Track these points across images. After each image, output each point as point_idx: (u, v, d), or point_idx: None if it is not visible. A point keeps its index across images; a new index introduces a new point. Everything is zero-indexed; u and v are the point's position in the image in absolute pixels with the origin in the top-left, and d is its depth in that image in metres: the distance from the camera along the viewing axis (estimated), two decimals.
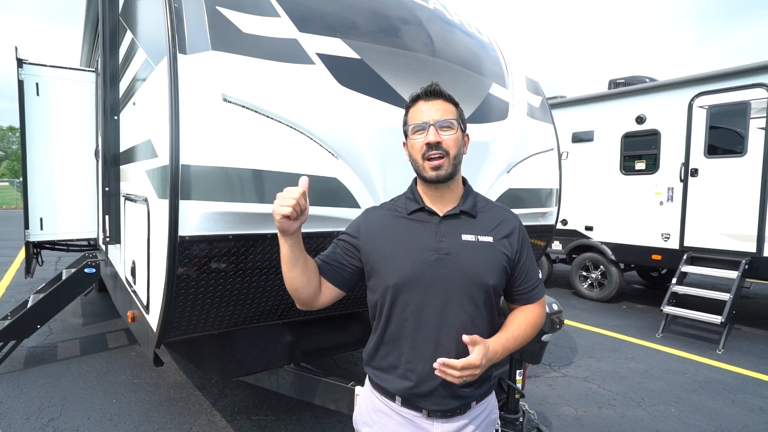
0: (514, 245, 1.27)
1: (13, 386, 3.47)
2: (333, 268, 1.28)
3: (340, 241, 1.33)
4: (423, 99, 1.24)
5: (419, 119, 1.22)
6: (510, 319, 1.30)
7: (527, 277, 1.31)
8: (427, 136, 1.20)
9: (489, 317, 1.25)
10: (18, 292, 6.35)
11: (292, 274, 1.19)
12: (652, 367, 4.24)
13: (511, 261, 1.26)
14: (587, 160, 6.80)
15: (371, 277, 1.28)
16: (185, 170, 1.65)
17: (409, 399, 1.23)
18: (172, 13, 1.69)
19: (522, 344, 1.26)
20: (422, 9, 2.59)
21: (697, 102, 5.59)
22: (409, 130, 1.26)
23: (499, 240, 1.25)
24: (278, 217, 1.09)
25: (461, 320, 1.19)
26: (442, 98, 1.24)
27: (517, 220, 1.33)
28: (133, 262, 2.44)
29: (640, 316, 6.10)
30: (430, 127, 1.20)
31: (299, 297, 1.24)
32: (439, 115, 1.21)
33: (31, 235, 4.13)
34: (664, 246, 5.90)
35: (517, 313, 1.32)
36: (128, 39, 2.52)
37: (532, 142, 2.93)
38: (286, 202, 1.08)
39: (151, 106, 2.00)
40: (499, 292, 1.29)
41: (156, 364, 2.17)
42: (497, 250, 1.24)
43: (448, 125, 1.21)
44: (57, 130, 4.13)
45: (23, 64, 4.03)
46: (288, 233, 1.13)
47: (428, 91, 1.24)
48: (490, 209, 1.32)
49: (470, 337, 1.10)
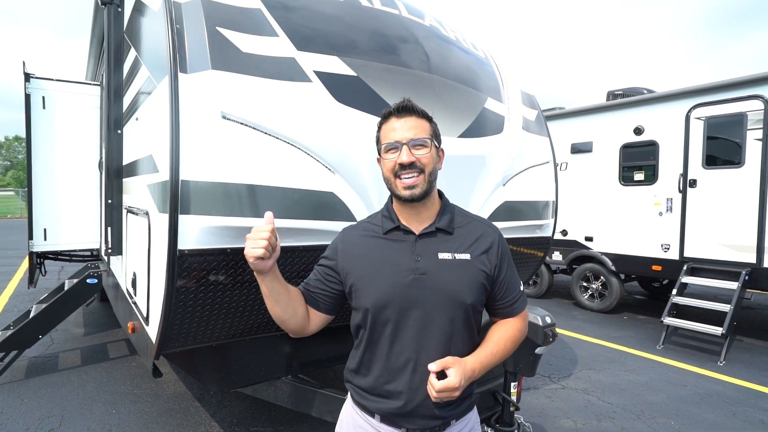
0: (492, 260, 1.25)
1: (14, 396, 3.49)
2: (316, 295, 1.29)
3: (320, 266, 1.33)
4: (395, 116, 1.22)
5: (391, 138, 1.20)
6: (489, 335, 1.28)
7: (508, 291, 1.28)
8: (400, 156, 1.17)
9: (468, 335, 1.24)
10: (21, 302, 6.39)
11: (276, 309, 1.21)
12: (652, 379, 4.22)
13: (490, 277, 1.24)
14: (586, 170, 6.83)
15: (351, 298, 1.28)
16: (185, 185, 1.70)
17: (389, 418, 1.23)
18: (174, 34, 1.75)
19: (502, 359, 1.25)
20: (418, 26, 2.65)
21: (694, 113, 5.64)
22: (381, 149, 1.24)
23: (476, 257, 1.23)
24: (251, 260, 1.10)
25: (440, 340, 1.19)
26: (415, 114, 1.22)
27: (496, 233, 1.30)
28: (134, 273, 2.48)
29: (640, 327, 6.09)
30: (403, 146, 1.18)
31: (288, 328, 1.26)
32: (412, 133, 1.19)
33: (34, 245, 4.18)
34: (664, 257, 5.90)
35: (497, 327, 1.30)
36: (132, 56, 2.59)
37: (528, 156, 2.97)
38: (258, 243, 1.09)
39: (153, 122, 2.05)
40: (479, 310, 1.27)
41: (155, 375, 2.20)
42: (475, 267, 1.22)
43: (422, 143, 1.19)
44: (62, 142, 4.20)
45: (30, 78, 4.12)
46: (264, 272, 1.14)
47: (400, 107, 1.21)
48: (468, 224, 1.29)
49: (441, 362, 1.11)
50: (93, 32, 4.16)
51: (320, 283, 1.30)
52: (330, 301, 1.30)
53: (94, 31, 4.12)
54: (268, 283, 1.17)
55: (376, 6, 2.51)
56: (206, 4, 1.86)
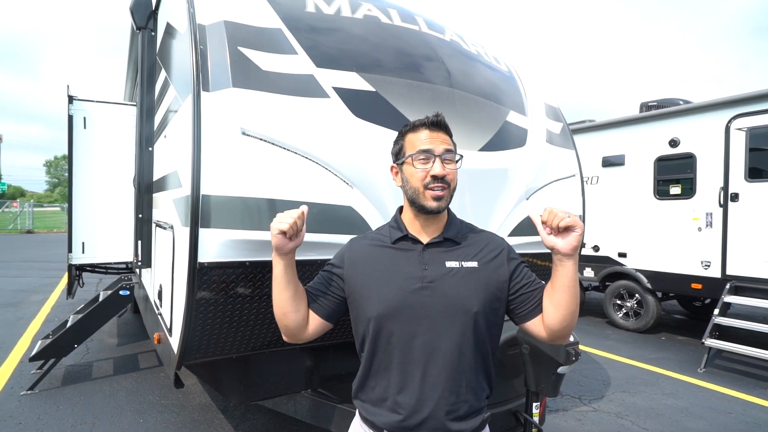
0: (503, 263, 1.25)
1: (50, 403, 3.63)
2: (317, 298, 1.29)
3: (325, 271, 1.33)
4: (428, 128, 1.24)
5: (424, 146, 1.21)
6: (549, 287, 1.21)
7: (533, 282, 1.25)
8: (434, 168, 1.19)
9: (479, 346, 1.21)
10: (61, 312, 6.68)
11: (283, 296, 1.22)
12: (692, 405, 3.98)
13: (504, 279, 1.23)
14: (618, 184, 6.62)
15: (355, 308, 1.27)
16: (205, 200, 1.75)
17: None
18: (198, 54, 1.82)
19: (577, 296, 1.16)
20: (438, 41, 2.66)
21: (734, 124, 5.39)
22: (411, 157, 1.23)
23: (485, 264, 1.23)
24: (275, 232, 1.14)
25: (448, 349, 1.17)
26: (446, 131, 1.26)
27: (503, 242, 1.31)
28: (160, 285, 2.55)
29: (680, 348, 5.77)
30: (436, 158, 1.20)
31: (287, 323, 1.24)
32: (443, 147, 1.22)
33: (73, 258, 4.37)
34: (705, 274, 5.60)
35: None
36: (162, 76, 2.71)
37: (553, 169, 2.90)
38: (284, 219, 1.14)
39: (178, 139, 2.14)
40: (492, 320, 1.23)
41: (177, 386, 2.24)
42: (484, 274, 1.22)
43: (452, 159, 1.23)
44: (100, 160, 4.41)
45: (73, 100, 4.37)
46: (283, 251, 1.17)
47: (434, 121, 1.24)
48: (475, 234, 1.31)
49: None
50: (130, 56, 4.40)
51: (323, 286, 1.31)
52: (331, 306, 1.30)
53: (131, 54, 4.36)
54: (284, 266, 1.19)
55: (396, 22, 2.54)
56: (229, 25, 1.94)
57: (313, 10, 2.29)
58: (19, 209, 29.98)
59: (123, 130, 4.50)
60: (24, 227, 26.98)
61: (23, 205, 30.55)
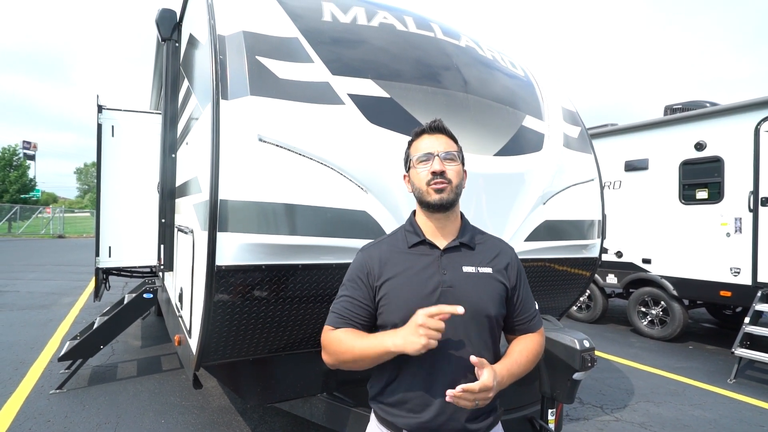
0: (511, 277, 1.31)
1: (77, 402, 3.75)
2: (359, 323, 1.27)
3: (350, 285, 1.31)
4: (428, 133, 1.32)
5: (424, 149, 1.28)
6: (512, 347, 1.31)
7: (525, 308, 1.33)
8: (433, 165, 1.25)
9: (493, 348, 1.27)
10: (89, 314, 6.90)
11: (359, 363, 1.20)
12: (722, 417, 3.83)
13: (508, 292, 1.30)
14: (642, 189, 6.46)
15: (380, 314, 1.28)
16: (223, 205, 1.80)
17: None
18: (217, 64, 1.88)
19: (526, 371, 1.26)
20: (454, 47, 2.67)
21: (764, 126, 5.21)
22: (413, 160, 1.31)
23: (497, 271, 1.29)
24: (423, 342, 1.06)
25: (467, 351, 1.19)
26: (445, 134, 1.32)
27: (512, 252, 1.37)
28: (180, 288, 2.62)
29: (708, 358, 5.57)
30: (435, 157, 1.26)
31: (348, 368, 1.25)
32: (443, 147, 1.28)
33: (100, 261, 4.53)
34: (734, 281, 5.41)
35: (517, 342, 1.33)
36: (185, 86, 2.80)
37: (570, 173, 2.87)
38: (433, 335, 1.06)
39: (198, 145, 2.20)
40: (501, 324, 1.31)
41: (195, 387, 2.29)
42: (496, 280, 1.28)
43: (452, 157, 1.28)
44: (127, 166, 4.58)
45: (102, 109, 4.55)
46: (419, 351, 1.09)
47: (432, 126, 1.32)
48: (486, 241, 1.36)
49: (479, 359, 1.09)
50: (156, 66, 4.55)
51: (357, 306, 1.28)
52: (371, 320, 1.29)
53: (156, 65, 4.51)
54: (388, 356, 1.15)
55: (411, 29, 2.57)
56: (248, 35, 2.00)
57: (330, 19, 2.34)
58: (51, 215, 31.18)
59: (149, 137, 4.65)
60: (56, 232, 28.01)
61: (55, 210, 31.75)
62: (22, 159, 36.69)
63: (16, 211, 29.16)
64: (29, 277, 10.70)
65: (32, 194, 36.87)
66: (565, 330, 1.88)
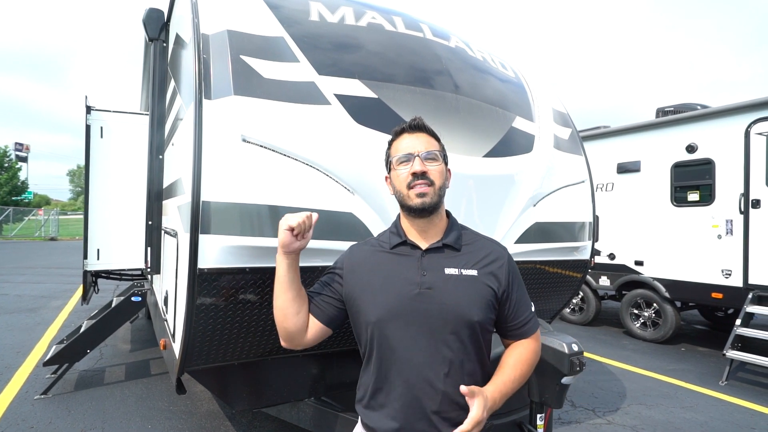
0: (501, 279, 1.24)
1: (62, 407, 3.68)
2: (318, 303, 1.29)
3: (325, 276, 1.34)
4: (408, 132, 1.27)
5: (404, 150, 1.24)
6: (504, 360, 1.25)
7: (518, 312, 1.27)
8: (413, 166, 1.21)
9: (477, 355, 1.20)
10: (78, 318, 6.81)
11: (284, 296, 1.22)
12: (713, 419, 3.83)
13: (498, 295, 1.23)
14: (634, 191, 6.48)
15: (354, 314, 1.27)
16: (206, 206, 1.76)
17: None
18: (200, 63, 1.85)
19: (520, 384, 1.21)
20: (443, 48, 2.65)
21: (754, 129, 5.24)
22: (393, 162, 1.27)
23: (485, 273, 1.23)
24: (284, 227, 1.16)
25: (447, 357, 1.16)
26: (426, 132, 1.27)
27: (505, 252, 1.30)
28: (166, 291, 2.58)
29: (700, 360, 5.58)
30: (415, 157, 1.21)
31: (286, 326, 1.24)
32: (424, 147, 1.23)
33: (88, 264, 4.46)
34: (726, 283, 5.42)
35: (510, 351, 1.27)
36: (172, 86, 2.77)
37: (561, 175, 2.86)
38: (294, 218, 1.17)
39: (183, 146, 2.16)
40: (488, 329, 1.24)
41: (179, 392, 2.24)
42: (482, 283, 1.21)
43: (433, 156, 1.23)
44: (115, 168, 4.51)
45: (91, 110, 4.48)
46: (288, 249, 1.19)
47: (412, 125, 1.27)
48: (476, 242, 1.30)
49: (469, 389, 1.07)
50: (144, 66, 4.50)
51: (324, 291, 1.31)
52: (331, 311, 1.30)
53: (145, 65, 4.46)
54: (287, 266, 1.21)
55: (400, 30, 2.55)
56: (232, 34, 1.97)
57: (317, 19, 2.31)
58: (44, 217, 30.88)
59: (138, 138, 4.59)
60: (48, 234, 27.74)
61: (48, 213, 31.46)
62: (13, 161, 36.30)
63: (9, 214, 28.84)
64: (19, 280, 10.57)
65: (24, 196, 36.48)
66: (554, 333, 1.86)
